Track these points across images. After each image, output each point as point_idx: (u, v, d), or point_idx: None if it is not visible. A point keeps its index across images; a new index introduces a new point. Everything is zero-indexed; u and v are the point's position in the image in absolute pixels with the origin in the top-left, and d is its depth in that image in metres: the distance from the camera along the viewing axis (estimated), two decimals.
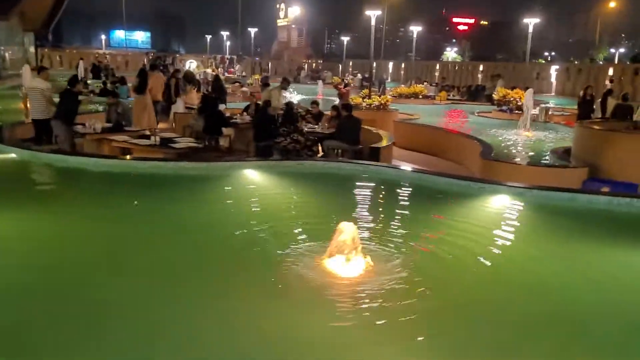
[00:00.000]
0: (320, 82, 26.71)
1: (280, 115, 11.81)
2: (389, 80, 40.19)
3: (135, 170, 7.27)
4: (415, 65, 40.68)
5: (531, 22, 21.30)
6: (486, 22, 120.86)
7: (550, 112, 17.02)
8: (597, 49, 57.26)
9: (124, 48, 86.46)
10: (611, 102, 13.80)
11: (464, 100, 24.08)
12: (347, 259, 4.26)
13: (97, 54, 51.37)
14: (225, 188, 7.00)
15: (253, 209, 6.15)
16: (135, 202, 6.17)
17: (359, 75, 33.90)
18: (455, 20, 65.83)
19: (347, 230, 4.25)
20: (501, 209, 6.89)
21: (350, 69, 46.65)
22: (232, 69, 42.24)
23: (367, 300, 3.99)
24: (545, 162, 9.60)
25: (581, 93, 15.26)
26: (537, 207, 6.89)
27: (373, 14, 17.29)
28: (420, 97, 22.19)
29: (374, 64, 26.40)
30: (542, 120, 16.04)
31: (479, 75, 34.20)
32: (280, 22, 60.34)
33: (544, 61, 56.72)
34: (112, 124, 11.07)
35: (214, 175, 7.51)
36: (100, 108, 15.05)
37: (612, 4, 65.19)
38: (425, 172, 7.69)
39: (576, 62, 42.51)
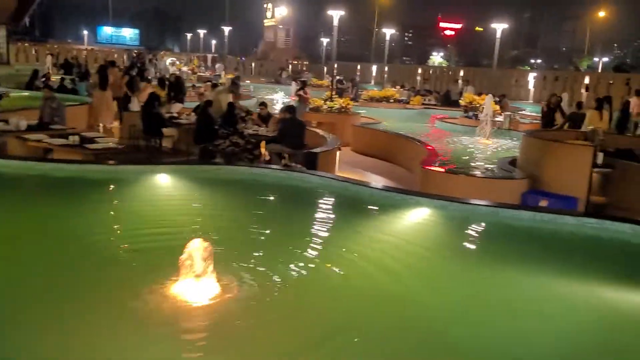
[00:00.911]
0: (293, 83, 26.23)
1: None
2: (372, 82, 39.82)
3: (31, 171, 6.77)
4: (397, 68, 40.31)
5: (499, 27, 20.92)
6: (481, 29, 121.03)
7: (515, 120, 16.65)
8: (580, 57, 57.16)
9: (109, 44, 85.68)
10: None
11: (439, 106, 23.69)
12: (196, 279, 3.81)
13: (79, 49, 50.70)
14: (124, 194, 6.53)
15: (139, 219, 5.67)
16: None
17: (337, 78, 33.42)
18: (442, 25, 65.52)
19: (194, 248, 3.79)
20: (415, 223, 6.48)
21: (335, 72, 46.18)
22: (212, 69, 41.67)
23: (196, 326, 3.58)
24: (485, 172, 9.19)
25: (545, 102, 14.90)
26: (457, 221, 6.49)
27: (335, 14, 16.86)
28: (392, 101, 21.76)
29: (335, 66, 26.07)
30: (507, 128, 15.67)
31: (459, 81, 33.84)
32: (267, 22, 59.76)
33: (529, 68, 56.61)
34: (45, 120, 10.59)
35: (120, 179, 7.00)
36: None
37: (601, 13, 65.29)
38: (349, 181, 7.25)
39: (556, 68, 42.44)
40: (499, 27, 20.81)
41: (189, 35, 53.25)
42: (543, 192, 8.42)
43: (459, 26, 68.95)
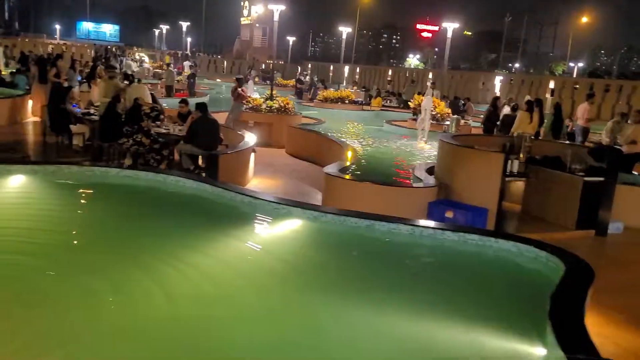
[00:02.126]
0: (250, 81, 25.47)
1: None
2: (344, 83, 39.17)
3: None
4: (368, 70, 39.72)
5: (450, 26, 20.33)
6: (469, 33, 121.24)
7: (464, 124, 16.04)
8: (555, 62, 56.96)
9: (88, 40, 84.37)
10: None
11: (399, 108, 23.07)
12: None
13: (47, 43, 49.59)
14: None
15: None
16: None
17: (307, 77, 32.76)
18: (419, 27, 65.00)
19: None
20: (280, 234, 5.81)
21: (309, 71, 45.59)
22: (180, 65, 40.76)
23: None
24: (394, 180, 8.50)
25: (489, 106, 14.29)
26: (327, 235, 5.80)
27: (276, 9, 16.12)
28: (347, 102, 21.06)
29: (309, 66, 25.33)
30: (453, 131, 15.03)
31: (428, 83, 33.29)
32: (244, 21, 58.94)
33: (507, 72, 56.32)
34: None
35: None
36: None
37: (583, 19, 65.23)
38: (227, 187, 6.52)
39: (532, 73, 41.99)
40: (450, 27, 20.17)
41: (157, 32, 52.05)
42: (452, 202, 7.74)
43: (436, 28, 68.20)
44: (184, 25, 41.89)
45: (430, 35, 68.13)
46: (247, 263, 5.23)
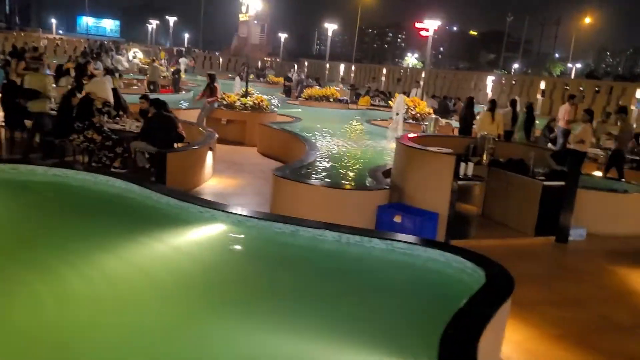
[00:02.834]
0: (237, 78, 25.13)
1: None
2: (339, 82, 38.79)
3: None
4: (364, 68, 39.34)
5: (432, 25, 19.94)
6: (475, 33, 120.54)
7: (444, 123, 15.67)
8: (553, 62, 56.37)
9: (88, 35, 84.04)
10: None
11: (387, 107, 22.69)
12: None
13: (47, 38, 49.44)
14: None
15: None
16: None
17: (296, 75, 32.38)
18: (417, 25, 64.04)
19: None
20: (199, 238, 5.49)
21: (295, 69, 45.27)
22: (175, 62, 40.46)
23: None
24: (344, 182, 8.15)
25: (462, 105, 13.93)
26: (251, 240, 5.47)
27: (252, 4, 15.75)
28: (332, 100, 20.71)
29: (306, 64, 24.99)
30: (432, 132, 14.67)
31: (421, 82, 32.86)
32: (242, 17, 58.48)
33: (505, 72, 55.78)
34: None
35: None
36: None
37: (587, 20, 64.58)
38: (154, 188, 6.18)
39: (529, 73, 41.46)
40: (432, 25, 19.79)
41: (149, 27, 51.74)
42: (403, 207, 7.40)
43: (435, 27, 67.36)
44: (171, 20, 41.51)
45: (430, 34, 67.14)
46: (160, 267, 4.92)
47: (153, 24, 49.12)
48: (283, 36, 42.83)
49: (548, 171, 8.10)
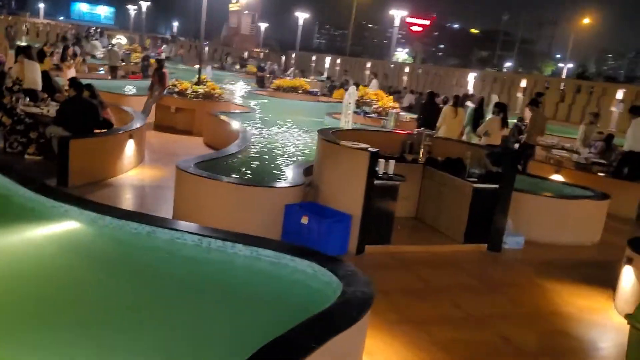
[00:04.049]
0: (209, 67, 24.45)
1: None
2: (325, 74, 38.03)
3: None
4: (349, 61, 38.57)
5: (397, 14, 19.18)
6: (477, 31, 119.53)
7: (409, 119, 14.95)
8: (545, 61, 55.56)
9: (81, 22, 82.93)
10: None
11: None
12: None
13: (34, 22, 48.63)
14: None
15: None
16: None
17: (275, 66, 31.64)
18: (409, 20, 62.88)
19: None
20: (44, 235, 4.80)
21: (294, 62, 44.54)
22: (160, 49, 39.67)
23: None
24: (248, 178, 7.42)
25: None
26: (105, 240, 4.78)
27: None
28: (300, 92, 19.97)
29: (293, 55, 24.21)
30: (391, 127, 13.96)
31: (404, 78, 32.18)
32: (232, 7, 57.57)
33: (497, 69, 54.95)
34: None
35: None
36: None
37: (586, 20, 63.66)
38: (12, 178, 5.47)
39: (520, 72, 40.68)
40: (397, 15, 19.03)
41: (132, 13, 50.72)
42: (314, 206, 6.70)
43: (427, 22, 66.54)
44: (144, 5, 40.55)
45: (420, 29, 66.43)
46: None
47: (131, 9, 48.13)
48: (263, 25, 41.89)
49: (484, 172, 7.40)
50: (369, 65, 35.97)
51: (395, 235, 6.88)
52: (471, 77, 26.85)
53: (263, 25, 42.85)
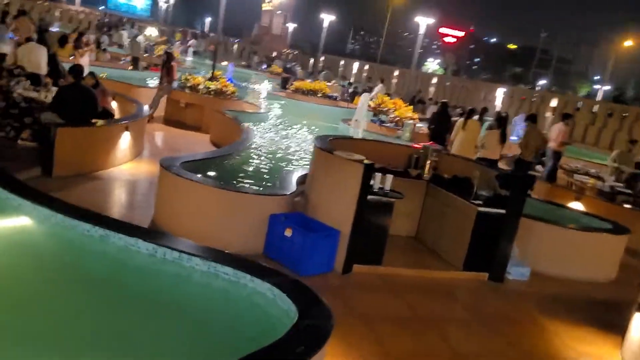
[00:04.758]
0: (231, 64, 24.23)
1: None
2: (352, 79, 37.57)
3: None
4: (377, 68, 38.04)
5: (423, 22, 18.53)
6: (514, 46, 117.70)
7: (421, 131, 14.36)
8: (580, 82, 53.93)
9: (117, 12, 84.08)
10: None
11: None
12: None
13: (70, 10, 49.40)
14: None
15: None
16: None
17: (298, 67, 31.23)
18: (442, 31, 61.71)
19: None
20: None
21: (322, 64, 44.20)
22: (189, 44, 39.71)
23: None
24: (232, 183, 6.98)
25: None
26: (55, 240, 4.39)
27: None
28: (320, 95, 19.52)
29: (322, 59, 23.88)
30: (407, 138, 13.43)
31: (431, 89, 31.51)
32: (265, 6, 57.52)
33: (529, 87, 53.68)
34: None
35: None
36: None
37: (627, 43, 61.75)
38: None
39: (553, 91, 39.44)
40: (423, 22, 18.45)
41: (164, 7, 51.02)
42: (301, 218, 6.22)
43: (461, 34, 65.15)
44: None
45: (454, 40, 65.17)
46: None
47: (161, 2, 48.41)
48: (293, 26, 41.60)
49: (492, 195, 6.82)
50: (396, 73, 35.37)
51: (387, 255, 6.36)
52: (500, 92, 26.04)
53: (292, 26, 42.44)
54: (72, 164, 7.56)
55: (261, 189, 6.88)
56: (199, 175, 6.34)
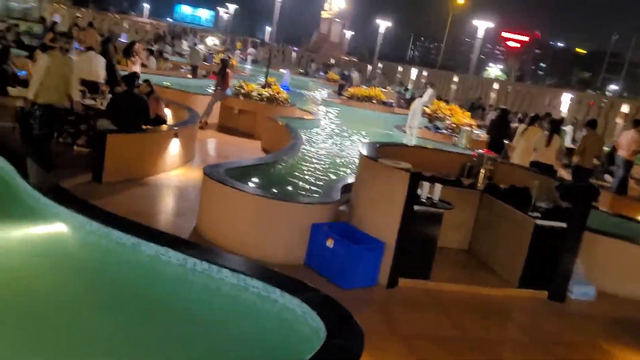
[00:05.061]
0: (287, 71, 24.32)
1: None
2: (410, 86, 37.03)
3: None
4: (436, 74, 37.27)
5: (482, 26, 17.53)
6: (583, 51, 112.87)
7: (479, 138, 13.76)
8: None
9: (183, 23, 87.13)
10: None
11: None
12: None
13: (130, 20, 51.75)
14: None
15: None
16: None
17: (354, 74, 30.94)
18: (504, 35, 59.37)
19: None
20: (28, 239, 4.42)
21: (379, 71, 43.89)
22: (248, 52, 40.48)
23: None
24: (272, 191, 6.77)
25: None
26: (89, 248, 4.34)
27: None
28: (375, 102, 19.19)
29: (380, 65, 23.64)
30: (463, 145, 12.90)
31: (492, 94, 30.44)
32: (324, 14, 57.73)
33: (598, 92, 50.99)
34: None
35: None
36: None
37: None
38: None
39: (625, 97, 37.24)
40: (482, 26, 17.63)
41: (225, 16, 52.14)
42: (345, 228, 5.96)
43: (525, 38, 62.55)
44: (232, 8, 41.33)
45: (518, 45, 62.70)
46: None
47: (221, 11, 49.49)
48: (349, 33, 41.46)
49: (552, 207, 6.32)
50: (455, 78, 34.49)
51: (436, 269, 5.99)
52: (566, 97, 24.78)
53: (350, 33, 42.37)
54: (122, 170, 7.64)
55: (304, 196, 6.67)
56: (240, 183, 6.21)
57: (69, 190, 5.05)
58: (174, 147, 8.76)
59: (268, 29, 57.46)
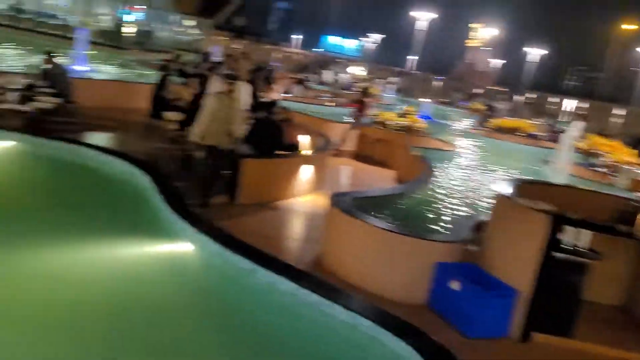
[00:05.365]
0: (429, 100, 23.86)
1: None
2: (560, 118, 34.50)
3: None
4: (596, 106, 34.23)
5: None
6: None
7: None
8: None
9: (330, 53, 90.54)
10: None
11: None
12: None
13: (285, 51, 54.79)
14: None
15: None
16: None
17: (501, 105, 29.40)
18: None
19: None
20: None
21: (529, 101, 41.62)
22: (392, 81, 40.69)
23: None
24: (395, 224, 6.37)
25: None
26: (211, 270, 4.45)
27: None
28: (521, 134, 18.00)
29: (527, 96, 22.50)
30: (623, 187, 11.44)
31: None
32: (470, 43, 56.25)
33: None
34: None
35: None
36: None
37: None
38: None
39: None
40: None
41: (370, 46, 52.77)
42: (474, 270, 5.47)
43: None
44: (376, 38, 41.53)
45: None
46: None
47: (364, 41, 50.17)
48: (499, 62, 39.66)
49: None
50: (619, 112, 31.33)
51: (581, 327, 5.25)
52: None
53: (499, 62, 40.69)
54: (254, 193, 7.90)
55: (430, 233, 6.31)
56: (366, 213, 6.04)
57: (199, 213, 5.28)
58: (306, 173, 8.89)
59: (411, 57, 57.20)
